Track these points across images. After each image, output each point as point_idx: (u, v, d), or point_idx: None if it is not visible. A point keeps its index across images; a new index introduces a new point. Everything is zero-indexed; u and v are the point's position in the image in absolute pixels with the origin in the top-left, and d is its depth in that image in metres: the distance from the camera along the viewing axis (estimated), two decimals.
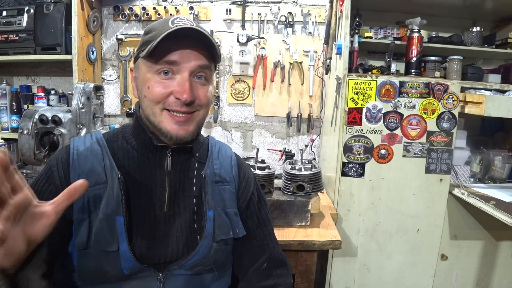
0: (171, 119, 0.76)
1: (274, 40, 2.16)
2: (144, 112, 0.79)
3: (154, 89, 0.76)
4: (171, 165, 0.82)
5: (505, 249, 1.77)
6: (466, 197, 1.57)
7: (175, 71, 0.76)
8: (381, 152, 1.65)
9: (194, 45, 0.76)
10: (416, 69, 1.71)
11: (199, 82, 0.78)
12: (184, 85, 0.75)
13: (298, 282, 1.31)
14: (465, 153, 1.79)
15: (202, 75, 0.78)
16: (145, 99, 0.77)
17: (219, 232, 0.83)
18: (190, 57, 0.76)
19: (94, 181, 0.76)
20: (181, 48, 0.75)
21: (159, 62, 0.75)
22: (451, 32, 1.89)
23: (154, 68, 0.76)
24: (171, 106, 0.76)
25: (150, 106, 0.77)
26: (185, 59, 0.75)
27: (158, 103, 0.76)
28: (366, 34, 1.84)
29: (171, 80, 0.76)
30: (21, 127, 1.42)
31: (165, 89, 0.75)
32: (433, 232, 1.70)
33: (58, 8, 1.97)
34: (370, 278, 1.74)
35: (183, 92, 0.74)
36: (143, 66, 0.78)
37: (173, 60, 0.75)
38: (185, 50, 0.75)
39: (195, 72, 0.77)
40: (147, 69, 0.77)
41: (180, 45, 0.75)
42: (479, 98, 1.51)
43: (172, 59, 0.75)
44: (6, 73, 2.31)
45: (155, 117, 0.77)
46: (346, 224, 1.70)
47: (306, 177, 1.35)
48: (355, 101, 1.63)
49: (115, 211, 0.75)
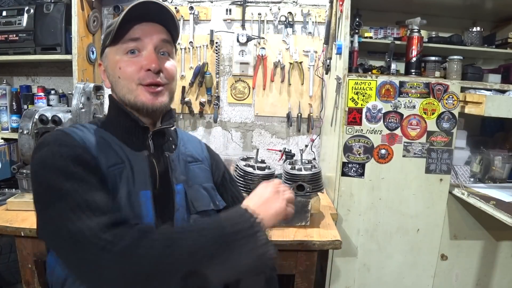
0: (146, 92, 0.82)
1: (274, 40, 2.16)
2: (120, 93, 0.84)
3: (125, 68, 0.82)
4: (153, 147, 0.88)
5: (505, 249, 1.77)
6: (466, 197, 1.57)
7: (140, 48, 0.82)
8: (381, 152, 1.65)
9: (154, 20, 0.83)
10: (416, 69, 1.71)
11: (163, 57, 0.85)
12: (151, 56, 0.82)
13: (298, 282, 1.31)
14: (465, 153, 1.79)
15: (165, 51, 0.85)
16: (120, 80, 0.83)
17: (198, 204, 0.89)
18: (152, 32, 0.83)
19: (114, 161, 0.80)
20: (142, 26, 0.82)
21: (124, 41, 0.82)
22: (451, 32, 1.89)
23: (121, 48, 0.82)
24: (144, 79, 0.81)
25: (126, 84, 0.82)
26: (147, 34, 0.82)
27: (132, 79, 0.82)
28: (366, 34, 1.85)
29: (138, 57, 0.82)
30: (21, 127, 1.42)
31: (135, 65, 0.82)
32: (433, 232, 1.70)
33: (58, 8, 1.97)
34: (370, 278, 1.74)
35: (151, 62, 0.81)
36: (110, 53, 0.85)
37: (137, 37, 0.81)
38: (146, 25, 0.82)
39: (158, 47, 0.83)
40: (115, 53, 0.83)
41: (141, 23, 0.82)
42: (479, 98, 1.51)
43: (136, 36, 0.81)
44: (6, 73, 2.31)
45: (131, 93, 0.82)
46: (346, 224, 1.70)
47: (306, 177, 1.35)
48: (355, 101, 1.63)
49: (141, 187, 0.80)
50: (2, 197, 1.51)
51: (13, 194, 1.52)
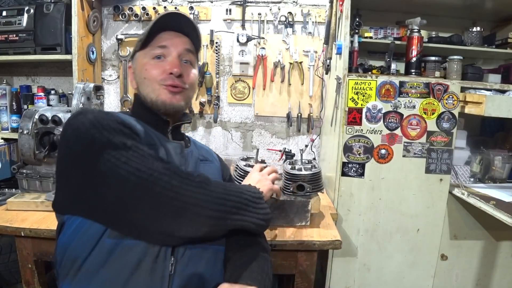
0: (167, 91, 0.93)
1: (274, 40, 2.16)
2: (144, 92, 0.95)
3: (151, 70, 0.94)
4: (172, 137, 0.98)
5: (505, 249, 1.77)
6: (466, 197, 1.57)
7: (166, 55, 0.94)
8: (381, 152, 1.65)
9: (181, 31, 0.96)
10: (416, 69, 1.71)
11: (185, 65, 0.96)
12: (174, 62, 0.93)
13: (298, 282, 1.31)
14: (465, 153, 1.79)
15: (188, 60, 0.97)
16: (145, 80, 0.94)
17: None
18: (177, 42, 0.95)
19: (150, 141, 0.86)
20: (170, 35, 0.95)
21: (152, 47, 0.94)
22: (451, 32, 1.89)
23: (149, 53, 0.94)
24: (166, 81, 0.92)
25: (150, 84, 0.93)
26: (173, 43, 0.95)
27: (156, 80, 0.93)
28: (366, 34, 1.84)
29: (163, 62, 0.94)
30: (21, 127, 1.42)
31: (159, 69, 0.93)
32: (433, 232, 1.70)
33: (58, 8, 1.97)
34: (370, 278, 1.74)
35: (173, 67, 0.92)
36: (139, 56, 0.97)
37: (164, 45, 0.94)
38: (173, 35, 0.95)
39: (182, 55, 0.95)
40: (144, 56, 0.95)
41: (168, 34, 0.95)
42: (479, 98, 1.51)
43: (163, 44, 0.94)
44: (6, 73, 2.31)
45: (154, 92, 0.93)
46: (346, 224, 1.70)
47: (306, 177, 1.35)
48: (355, 101, 1.63)
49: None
50: (2, 197, 1.50)
51: (13, 194, 1.52)
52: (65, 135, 0.79)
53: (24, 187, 1.52)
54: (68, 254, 0.76)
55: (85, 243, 0.75)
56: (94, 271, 0.73)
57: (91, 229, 0.75)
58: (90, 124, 0.76)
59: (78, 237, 0.75)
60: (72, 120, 0.79)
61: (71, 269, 0.75)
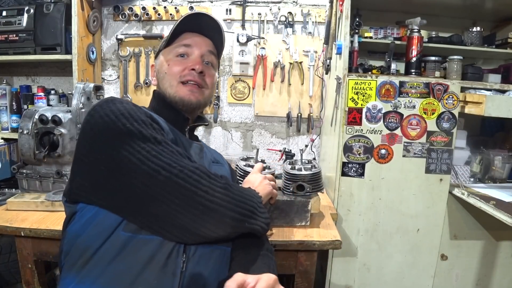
0: (185, 88, 0.97)
1: (274, 40, 2.16)
2: (163, 87, 0.99)
3: (173, 66, 0.98)
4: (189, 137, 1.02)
5: (505, 249, 1.77)
6: (466, 197, 1.57)
7: (189, 53, 0.99)
8: (381, 152, 1.65)
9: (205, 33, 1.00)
10: (416, 69, 1.71)
11: (207, 66, 1.01)
12: (197, 59, 0.98)
13: (298, 282, 1.31)
14: (465, 153, 1.79)
15: (209, 61, 1.01)
16: (166, 75, 0.98)
17: None
18: (201, 43, 1.00)
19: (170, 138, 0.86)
20: (194, 35, 1.00)
21: (177, 45, 0.99)
22: (451, 32, 1.89)
23: (173, 51, 0.99)
24: (186, 77, 0.97)
25: (170, 80, 0.98)
26: (197, 44, 0.99)
27: (176, 76, 0.97)
28: (366, 34, 1.84)
29: (186, 60, 0.98)
30: (21, 127, 1.42)
31: (182, 66, 0.98)
32: (433, 232, 1.70)
33: (58, 8, 1.97)
34: (370, 278, 1.74)
35: (195, 63, 0.97)
36: (163, 54, 1.01)
37: (188, 44, 0.99)
38: (197, 36, 1.00)
39: (204, 56, 1.00)
40: (168, 53, 1.00)
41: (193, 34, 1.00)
42: (479, 98, 1.51)
43: (187, 43, 0.99)
44: (6, 73, 2.31)
45: (172, 88, 0.97)
46: (346, 224, 1.70)
47: (306, 177, 1.35)
48: (355, 101, 1.63)
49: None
50: (2, 197, 1.50)
51: (13, 194, 1.52)
52: (91, 121, 0.77)
53: (24, 187, 1.52)
54: (79, 244, 0.75)
55: (98, 233, 0.74)
56: (105, 263, 0.72)
57: (106, 220, 0.74)
58: (120, 113, 0.75)
59: (92, 227, 0.75)
60: (101, 107, 0.77)
61: (80, 259, 0.73)
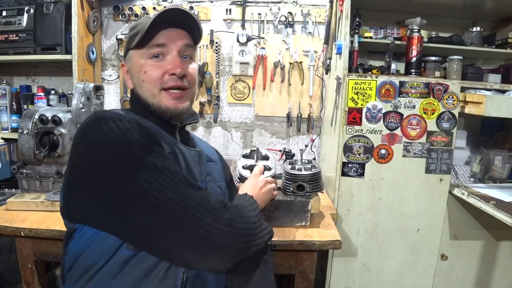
0: (169, 96, 0.86)
1: (274, 40, 2.16)
2: (143, 95, 0.88)
3: (150, 72, 0.86)
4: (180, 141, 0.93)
5: (505, 249, 1.77)
6: (466, 197, 1.57)
7: (164, 53, 0.86)
8: (381, 152, 1.65)
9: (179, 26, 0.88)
10: (416, 69, 1.71)
11: (186, 61, 0.89)
12: (176, 61, 0.86)
13: (298, 282, 1.31)
14: (465, 153, 1.79)
15: (188, 55, 0.90)
16: (144, 83, 0.87)
17: None
18: (176, 38, 0.87)
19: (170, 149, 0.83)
20: (168, 31, 0.86)
21: (150, 47, 0.86)
22: (451, 32, 1.89)
23: (146, 53, 0.86)
24: (168, 83, 0.86)
25: (149, 88, 0.86)
26: (172, 40, 0.86)
27: (156, 83, 0.85)
28: (366, 34, 1.84)
29: (163, 61, 0.86)
30: (21, 127, 1.42)
31: (160, 70, 0.86)
32: (433, 232, 1.70)
33: (58, 8, 1.97)
34: (370, 278, 1.74)
35: (176, 67, 0.85)
36: (135, 56, 0.88)
37: (162, 43, 0.86)
38: (171, 31, 0.87)
39: (182, 51, 0.88)
40: (140, 57, 0.87)
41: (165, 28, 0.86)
42: (479, 98, 1.51)
43: (161, 42, 0.86)
44: (6, 73, 2.31)
45: (154, 97, 0.86)
46: (346, 224, 1.70)
47: (306, 177, 1.35)
48: (355, 101, 1.63)
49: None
50: (2, 197, 1.50)
51: (13, 194, 1.52)
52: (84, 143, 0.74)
53: (24, 187, 1.52)
54: (81, 260, 0.75)
55: (101, 252, 0.73)
56: (108, 280, 0.73)
57: (108, 240, 0.73)
58: (115, 137, 0.71)
59: (94, 246, 0.74)
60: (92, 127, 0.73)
61: (84, 276, 0.74)
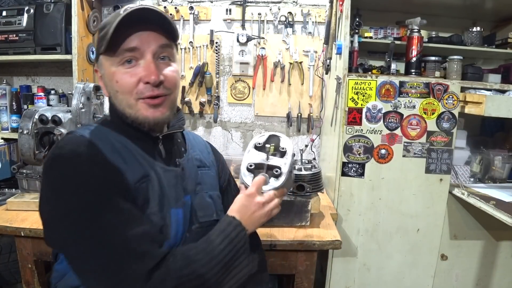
0: (146, 105, 0.77)
1: (274, 40, 2.16)
2: (120, 107, 0.79)
3: (122, 81, 0.75)
4: (164, 153, 0.84)
5: (505, 249, 1.77)
6: (466, 197, 1.57)
7: (138, 57, 0.76)
8: (381, 152, 1.65)
9: (151, 27, 0.76)
10: (416, 69, 1.71)
11: (163, 63, 0.78)
12: (150, 67, 0.75)
13: (298, 282, 1.31)
14: (465, 153, 1.79)
15: (165, 56, 0.79)
16: (118, 94, 0.77)
17: (201, 213, 0.87)
18: (149, 39, 0.75)
19: (140, 175, 0.76)
20: (138, 32, 0.74)
21: (120, 52, 0.75)
22: (451, 32, 1.89)
23: (117, 60, 0.75)
24: (143, 93, 0.76)
25: (124, 99, 0.77)
26: (144, 42, 0.75)
27: (131, 93, 0.76)
28: (366, 34, 1.84)
29: (136, 68, 0.76)
30: (21, 127, 1.42)
31: (133, 78, 0.75)
32: (433, 232, 1.70)
33: (58, 8, 1.97)
34: (370, 278, 1.74)
35: (150, 74, 0.74)
36: (105, 62, 0.78)
37: (133, 47, 0.74)
38: (143, 33, 0.75)
39: (157, 53, 0.77)
40: (111, 63, 0.77)
41: (136, 30, 0.74)
42: (479, 98, 1.51)
43: (132, 46, 0.74)
44: (6, 73, 2.31)
45: (131, 108, 0.77)
46: (346, 224, 1.70)
47: (306, 177, 1.35)
48: (355, 101, 1.63)
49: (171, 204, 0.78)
50: (2, 197, 1.51)
51: (13, 194, 1.52)
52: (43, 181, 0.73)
53: (24, 187, 1.52)
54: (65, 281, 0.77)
55: None
56: None
57: None
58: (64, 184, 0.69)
59: None
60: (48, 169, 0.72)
61: None
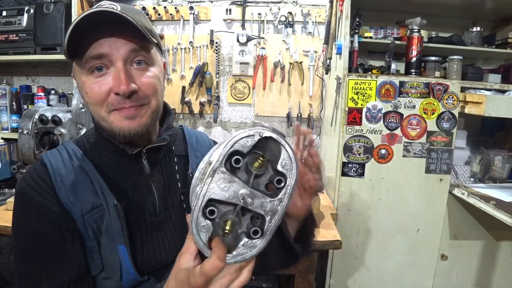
0: (120, 115, 0.68)
1: (274, 40, 2.16)
2: (95, 118, 0.72)
3: (91, 92, 0.67)
4: (149, 168, 0.76)
5: (505, 249, 1.77)
6: (466, 197, 1.57)
7: (107, 65, 0.67)
8: (381, 152, 1.65)
9: (117, 31, 0.66)
10: (416, 69, 1.71)
11: (139, 68, 0.69)
12: (119, 76, 0.65)
13: (298, 282, 1.31)
14: (465, 153, 1.79)
15: (141, 60, 0.69)
16: (90, 106, 0.70)
17: None
18: (117, 44, 0.66)
19: (91, 206, 0.70)
20: (106, 37, 0.65)
21: (86, 60, 0.66)
22: (451, 32, 1.89)
23: (85, 68, 0.67)
24: (115, 105, 0.67)
25: (96, 111, 0.69)
26: (112, 48, 0.65)
27: (101, 105, 0.68)
28: (366, 34, 1.85)
29: (106, 76, 0.67)
30: (21, 127, 1.42)
31: (103, 87, 0.66)
32: (433, 232, 1.70)
33: (58, 8, 1.97)
34: (370, 278, 1.74)
35: (119, 84, 0.65)
36: (76, 69, 0.70)
37: (100, 53, 0.65)
38: (111, 38, 0.65)
39: (129, 58, 0.68)
40: (79, 71, 0.68)
41: (104, 34, 0.65)
42: (479, 98, 1.51)
43: (98, 52, 0.65)
44: (6, 73, 2.31)
45: (105, 121, 0.69)
46: (346, 224, 1.70)
47: None
48: (355, 101, 1.63)
49: (117, 240, 0.69)
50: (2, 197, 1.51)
51: (13, 194, 1.52)
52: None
53: None
54: None
55: None
56: None
57: None
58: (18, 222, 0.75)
59: None
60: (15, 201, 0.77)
61: None
